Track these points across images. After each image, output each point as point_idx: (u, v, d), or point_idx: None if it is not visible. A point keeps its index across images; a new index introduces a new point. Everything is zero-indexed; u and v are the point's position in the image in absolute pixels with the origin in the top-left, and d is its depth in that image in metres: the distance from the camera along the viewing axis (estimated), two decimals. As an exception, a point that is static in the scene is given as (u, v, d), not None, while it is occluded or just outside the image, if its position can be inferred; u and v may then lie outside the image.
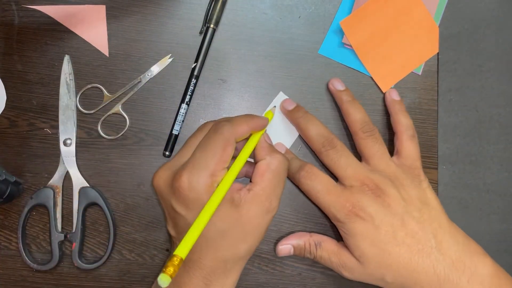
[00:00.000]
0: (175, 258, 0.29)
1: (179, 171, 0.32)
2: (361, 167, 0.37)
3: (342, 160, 0.37)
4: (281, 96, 0.42)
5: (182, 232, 0.32)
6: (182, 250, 0.30)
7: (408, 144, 0.39)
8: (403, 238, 0.35)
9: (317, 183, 0.37)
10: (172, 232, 0.34)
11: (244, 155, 0.35)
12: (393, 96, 0.41)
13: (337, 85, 0.41)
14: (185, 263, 0.33)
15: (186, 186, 0.31)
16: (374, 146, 0.38)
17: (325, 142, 0.38)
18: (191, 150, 0.34)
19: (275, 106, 0.42)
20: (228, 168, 0.33)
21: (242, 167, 0.34)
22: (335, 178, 0.38)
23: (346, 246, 0.37)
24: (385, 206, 0.36)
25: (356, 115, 0.39)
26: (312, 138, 0.39)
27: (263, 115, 0.41)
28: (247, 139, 0.36)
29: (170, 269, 0.28)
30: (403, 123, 0.40)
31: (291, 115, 0.40)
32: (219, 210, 0.32)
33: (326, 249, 0.37)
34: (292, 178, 0.39)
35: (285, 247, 0.38)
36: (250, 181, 0.34)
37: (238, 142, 0.35)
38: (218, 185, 0.32)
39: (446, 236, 0.35)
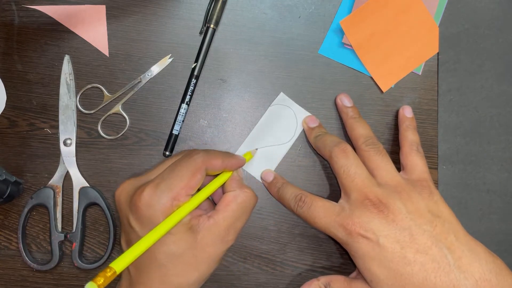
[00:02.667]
0: (108, 270, 0.27)
1: (142, 186, 0.32)
2: (369, 179, 0.35)
3: (352, 169, 0.36)
4: (281, 97, 0.42)
5: None
6: (118, 264, 0.28)
7: (413, 157, 0.38)
8: (414, 256, 0.32)
9: (313, 208, 0.36)
10: (124, 247, 0.33)
11: (211, 187, 0.34)
12: (406, 113, 0.41)
13: (345, 102, 0.41)
14: (131, 285, 0.32)
15: (145, 203, 0.31)
16: (377, 157, 0.37)
17: (339, 146, 0.37)
18: (162, 170, 0.33)
19: (256, 149, 0.41)
20: (192, 196, 0.32)
21: (206, 198, 0.34)
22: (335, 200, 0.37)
23: (358, 270, 0.35)
24: (389, 221, 0.33)
25: (360, 130, 0.39)
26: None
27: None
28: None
29: (100, 279, 0.26)
30: (409, 139, 0.39)
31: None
32: (174, 233, 0.31)
33: None
34: (289, 209, 0.38)
35: None
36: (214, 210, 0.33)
37: (208, 175, 0.34)
38: (177, 209, 0.31)
39: (465, 251, 0.33)
